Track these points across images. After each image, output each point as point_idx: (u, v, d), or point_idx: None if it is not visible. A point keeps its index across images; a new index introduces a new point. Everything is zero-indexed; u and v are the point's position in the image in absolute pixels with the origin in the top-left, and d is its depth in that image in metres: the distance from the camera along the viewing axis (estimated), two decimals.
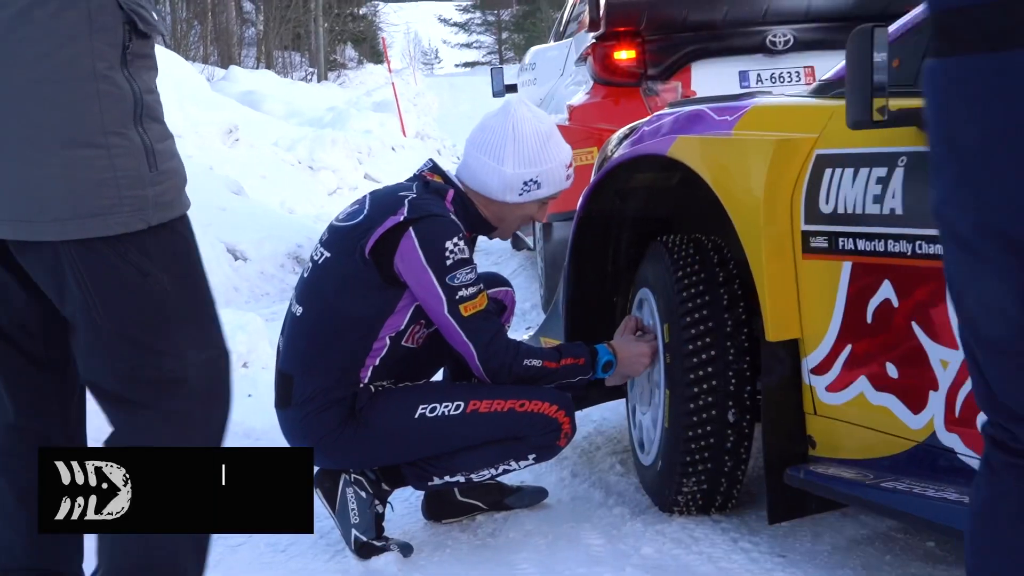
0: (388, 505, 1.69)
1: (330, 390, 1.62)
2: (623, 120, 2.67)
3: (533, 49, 5.69)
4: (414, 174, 1.79)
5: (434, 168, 1.78)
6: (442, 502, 1.79)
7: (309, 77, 17.64)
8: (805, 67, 3.02)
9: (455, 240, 1.62)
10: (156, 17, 1.07)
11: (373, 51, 22.67)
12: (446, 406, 1.64)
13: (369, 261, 1.62)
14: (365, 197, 1.78)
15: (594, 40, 3.20)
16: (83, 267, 0.98)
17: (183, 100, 5.93)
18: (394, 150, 6.52)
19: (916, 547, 1.52)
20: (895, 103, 1.18)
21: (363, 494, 1.64)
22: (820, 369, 1.43)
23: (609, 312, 2.06)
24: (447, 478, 1.68)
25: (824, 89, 1.60)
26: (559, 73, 4.16)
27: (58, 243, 0.97)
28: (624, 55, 3.11)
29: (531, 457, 1.68)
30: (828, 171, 1.39)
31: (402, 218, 1.60)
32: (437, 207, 1.67)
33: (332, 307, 1.66)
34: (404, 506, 1.83)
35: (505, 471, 1.69)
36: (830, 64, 2.68)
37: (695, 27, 3.11)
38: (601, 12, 3.11)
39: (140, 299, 1.01)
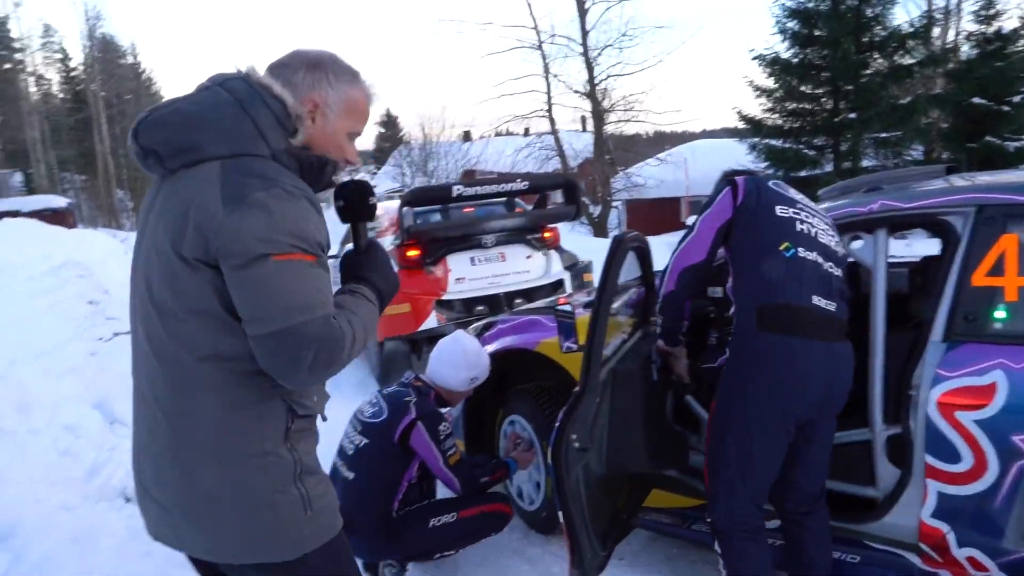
0: (406, 571, 2.45)
1: (378, 518, 2.23)
2: (415, 285, 4.84)
3: None
4: (404, 380, 2.45)
5: (417, 377, 2.45)
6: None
7: None
8: (500, 253, 5.24)
9: (444, 425, 2.28)
10: (316, 399, 1.19)
11: None
12: (448, 516, 2.33)
13: (396, 445, 2.27)
14: (380, 398, 2.37)
15: (394, 245, 5.10)
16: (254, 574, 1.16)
17: None
18: None
19: None
20: None
21: (395, 570, 2.37)
22: None
23: (488, 427, 3.03)
24: (445, 553, 2.37)
25: (589, 306, 2.28)
26: None
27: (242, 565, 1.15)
28: (413, 252, 5.07)
29: (492, 534, 2.42)
30: None
31: (413, 417, 2.28)
32: (430, 407, 2.31)
33: (375, 472, 2.27)
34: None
35: (479, 540, 2.43)
36: (512, 252, 5.15)
37: (447, 239, 5.11)
38: (405, 231, 4.98)
39: None
